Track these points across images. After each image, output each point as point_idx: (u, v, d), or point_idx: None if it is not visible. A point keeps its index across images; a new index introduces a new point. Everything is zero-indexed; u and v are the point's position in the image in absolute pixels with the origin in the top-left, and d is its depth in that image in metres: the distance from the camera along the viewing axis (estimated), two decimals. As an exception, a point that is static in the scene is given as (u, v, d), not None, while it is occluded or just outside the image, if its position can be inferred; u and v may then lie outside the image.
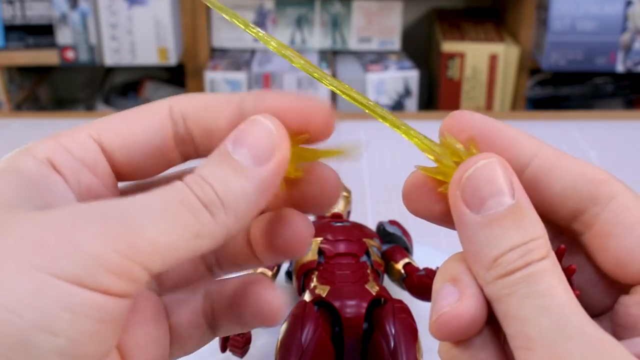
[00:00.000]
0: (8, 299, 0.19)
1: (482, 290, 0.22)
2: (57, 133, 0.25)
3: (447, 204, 0.24)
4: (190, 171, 0.23)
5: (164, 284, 0.27)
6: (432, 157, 0.24)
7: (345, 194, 0.48)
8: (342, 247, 0.41)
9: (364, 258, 0.41)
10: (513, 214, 0.22)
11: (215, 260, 0.28)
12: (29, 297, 0.19)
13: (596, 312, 0.24)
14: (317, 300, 0.38)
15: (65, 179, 0.24)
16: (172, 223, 0.21)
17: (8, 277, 0.19)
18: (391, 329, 0.36)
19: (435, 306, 0.23)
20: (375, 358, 0.36)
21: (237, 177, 0.23)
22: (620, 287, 0.24)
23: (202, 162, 0.23)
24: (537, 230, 0.22)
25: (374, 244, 0.43)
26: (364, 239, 0.42)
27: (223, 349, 0.38)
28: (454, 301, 0.22)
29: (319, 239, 0.42)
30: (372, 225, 0.47)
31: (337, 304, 0.37)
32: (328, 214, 0.46)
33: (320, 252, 0.41)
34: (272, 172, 0.23)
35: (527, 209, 0.22)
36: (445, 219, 0.25)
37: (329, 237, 0.42)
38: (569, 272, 0.23)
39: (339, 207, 0.47)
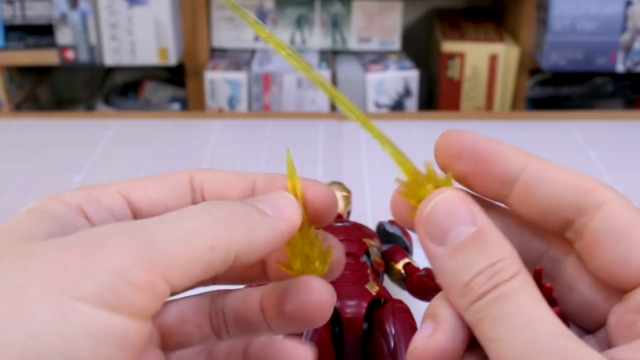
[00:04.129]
0: (31, 324, 0.19)
1: (460, 324, 0.23)
2: (89, 185, 0.26)
3: None
4: None
5: (169, 343, 0.27)
6: (410, 180, 0.26)
7: (345, 194, 0.48)
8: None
9: (364, 258, 0.41)
10: (476, 240, 0.23)
11: (224, 324, 0.28)
12: (52, 323, 0.19)
13: (603, 321, 0.24)
14: (317, 300, 0.37)
15: (92, 225, 0.25)
16: (187, 235, 0.22)
17: (32, 303, 0.19)
18: (391, 329, 0.36)
19: (412, 340, 0.24)
20: (375, 358, 0.36)
21: (257, 213, 0.24)
22: (620, 294, 0.24)
23: None
24: (503, 251, 0.23)
25: (374, 244, 0.43)
26: (364, 239, 0.42)
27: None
28: (426, 336, 0.23)
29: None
30: (372, 225, 0.47)
31: (337, 304, 0.37)
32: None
33: (320, 252, 0.41)
34: (286, 227, 0.25)
35: (490, 233, 0.23)
36: None
37: (329, 237, 0.42)
38: (545, 292, 0.23)
39: (339, 207, 0.47)
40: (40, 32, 1.46)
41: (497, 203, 0.26)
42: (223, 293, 0.28)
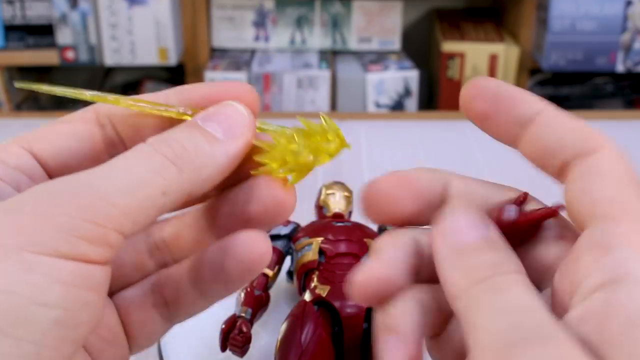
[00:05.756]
0: (1, 281, 0.20)
1: (400, 254, 0.24)
2: None
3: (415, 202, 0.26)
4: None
5: (110, 288, 0.28)
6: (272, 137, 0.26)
7: (346, 194, 0.48)
8: (342, 247, 0.41)
9: (365, 258, 0.41)
10: (488, 243, 0.23)
11: (169, 254, 0.28)
12: (19, 275, 0.20)
13: None
14: (317, 300, 0.38)
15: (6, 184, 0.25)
16: (137, 184, 0.22)
17: None
18: (391, 329, 0.36)
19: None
20: (375, 358, 0.36)
21: (207, 142, 0.24)
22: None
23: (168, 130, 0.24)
24: (509, 258, 0.23)
25: (374, 244, 0.43)
26: (365, 239, 0.42)
27: (223, 349, 0.38)
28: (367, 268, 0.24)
29: (320, 239, 0.42)
30: (373, 226, 0.47)
31: (337, 303, 0.37)
32: (329, 214, 0.46)
33: (321, 252, 0.41)
34: (240, 147, 0.24)
35: (501, 243, 0.23)
36: (415, 219, 0.26)
37: (330, 237, 0.42)
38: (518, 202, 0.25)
39: (340, 207, 0.47)
40: (40, 32, 1.46)
41: None
42: (157, 225, 0.28)
